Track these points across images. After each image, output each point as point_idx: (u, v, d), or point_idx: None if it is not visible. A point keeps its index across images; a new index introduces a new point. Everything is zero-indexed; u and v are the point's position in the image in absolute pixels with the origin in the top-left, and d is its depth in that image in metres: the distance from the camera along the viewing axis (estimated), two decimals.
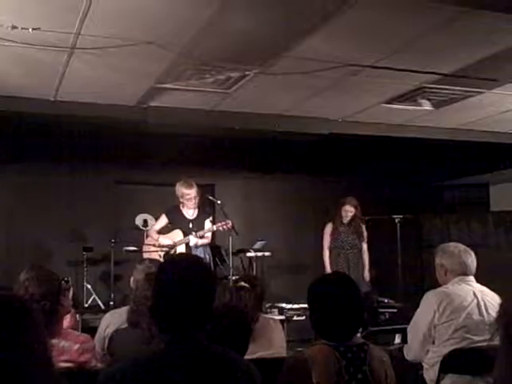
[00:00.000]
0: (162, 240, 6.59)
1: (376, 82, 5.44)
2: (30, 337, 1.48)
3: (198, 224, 6.47)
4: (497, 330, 1.21)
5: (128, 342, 3.14)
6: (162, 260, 6.44)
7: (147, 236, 6.90)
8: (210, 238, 6.56)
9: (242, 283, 3.71)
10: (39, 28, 4.02)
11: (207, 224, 6.47)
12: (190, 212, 6.59)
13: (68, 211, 8.00)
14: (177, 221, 6.60)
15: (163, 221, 6.69)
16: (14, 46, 4.35)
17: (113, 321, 3.60)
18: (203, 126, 6.54)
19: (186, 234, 6.47)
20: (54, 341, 2.73)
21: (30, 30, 4.01)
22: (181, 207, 6.60)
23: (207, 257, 6.53)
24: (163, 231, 6.74)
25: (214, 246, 7.14)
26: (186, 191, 6.46)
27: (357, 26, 4.19)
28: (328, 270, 7.07)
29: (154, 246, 6.68)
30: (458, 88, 5.68)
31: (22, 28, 4.00)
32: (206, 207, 6.48)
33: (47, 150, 7.51)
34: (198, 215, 6.57)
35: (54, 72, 5.03)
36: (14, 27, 3.98)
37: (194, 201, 6.48)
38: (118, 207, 8.27)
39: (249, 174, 8.89)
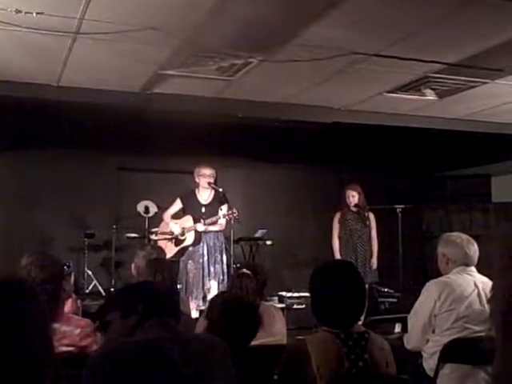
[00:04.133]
0: (172, 225, 6.60)
1: (380, 71, 5.42)
2: (35, 320, 1.48)
3: (211, 210, 6.48)
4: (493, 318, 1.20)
5: None
6: (169, 247, 6.48)
7: (161, 220, 6.92)
8: (223, 225, 6.55)
9: (244, 270, 3.72)
10: (43, 12, 4.00)
11: (224, 209, 6.47)
12: (204, 196, 6.60)
13: (70, 197, 8.01)
14: (190, 205, 6.62)
15: (177, 205, 6.71)
16: (18, 31, 4.33)
17: None
18: (206, 113, 6.53)
19: (196, 221, 6.48)
20: (56, 325, 2.74)
21: (34, 14, 3.99)
22: (196, 192, 6.63)
23: (217, 243, 6.54)
24: (177, 216, 6.76)
25: None
26: (203, 170, 6.56)
27: (361, 14, 4.17)
28: (337, 258, 7.07)
29: (157, 233, 6.70)
30: (462, 78, 5.65)
31: (25, 12, 3.98)
32: (221, 194, 6.48)
33: (50, 136, 7.51)
34: (212, 201, 6.58)
35: (57, 57, 5.02)
36: (17, 11, 3.96)
37: (208, 179, 6.50)
38: (119, 194, 8.28)
39: (251, 161, 8.89)
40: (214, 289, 6.35)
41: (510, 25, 4.31)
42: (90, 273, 7.79)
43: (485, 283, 3.55)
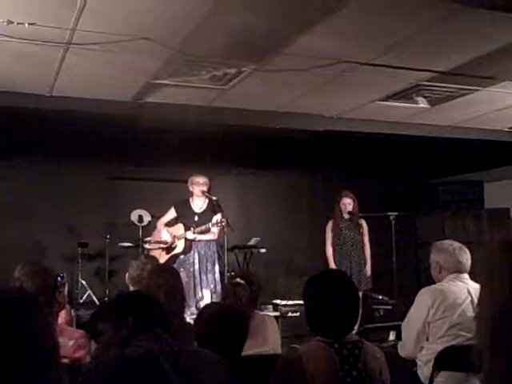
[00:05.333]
0: (163, 234, 6.61)
1: (372, 80, 5.45)
2: (40, 327, 1.49)
3: (205, 218, 6.47)
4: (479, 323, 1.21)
5: None
6: (161, 255, 6.47)
7: (154, 228, 6.92)
8: (216, 233, 6.54)
9: (238, 280, 3.71)
10: (35, 23, 4.00)
11: (215, 219, 6.46)
12: (198, 205, 6.60)
13: (63, 207, 8.00)
14: (184, 214, 6.63)
15: (171, 214, 6.72)
16: (10, 42, 4.33)
17: None
18: (199, 122, 6.53)
19: (187, 229, 6.48)
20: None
21: (26, 25, 4.00)
22: (190, 200, 6.64)
23: (208, 252, 6.53)
24: (170, 224, 6.76)
25: None
26: (196, 178, 6.58)
27: (353, 23, 4.19)
28: (332, 266, 7.08)
29: (150, 242, 6.70)
30: (454, 86, 5.68)
31: (17, 23, 3.98)
32: (215, 203, 6.48)
33: (42, 146, 7.49)
34: (205, 209, 6.58)
35: (49, 67, 5.01)
36: (9, 22, 3.96)
37: (202, 188, 6.51)
38: (113, 203, 8.27)
39: (244, 170, 8.89)
40: (206, 298, 6.33)
41: (499, 33, 4.34)
42: (83, 282, 7.76)
43: (478, 290, 3.55)
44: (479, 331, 1.21)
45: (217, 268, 6.55)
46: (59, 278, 3.21)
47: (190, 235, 6.43)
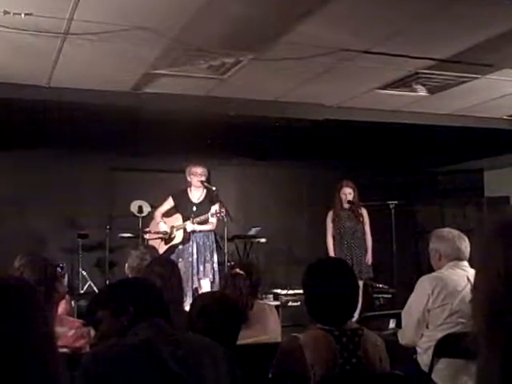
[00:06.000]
0: (161, 225, 6.60)
1: (371, 68, 5.43)
2: (35, 315, 1.49)
3: (203, 209, 6.47)
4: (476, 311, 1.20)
5: None
6: (160, 245, 6.48)
7: (152, 218, 6.91)
8: (214, 223, 6.53)
9: (238, 270, 3.72)
10: (32, 13, 3.98)
11: (213, 209, 6.45)
12: (196, 195, 6.60)
13: (63, 198, 8.00)
14: (182, 204, 6.62)
15: (169, 204, 6.71)
16: (7, 32, 4.30)
17: None
18: (198, 112, 6.52)
19: (185, 219, 6.48)
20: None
21: (23, 15, 3.97)
22: (188, 191, 6.63)
23: (207, 242, 6.54)
24: (168, 214, 6.75)
25: None
26: (194, 168, 6.57)
27: (352, 11, 4.17)
28: (332, 256, 7.08)
29: (150, 232, 6.69)
30: (453, 73, 5.66)
31: (14, 13, 3.95)
32: (214, 193, 6.46)
33: (41, 137, 7.48)
34: (203, 200, 6.57)
35: (47, 58, 4.99)
36: (6, 12, 3.94)
37: (200, 178, 6.49)
38: (112, 194, 8.28)
39: (244, 160, 8.89)
40: (205, 288, 6.34)
41: (498, 20, 4.32)
42: (84, 273, 7.78)
43: None
44: (475, 315, 1.20)
45: (215, 258, 6.55)
46: (59, 269, 3.22)
47: (189, 226, 6.43)
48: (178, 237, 6.51)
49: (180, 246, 6.51)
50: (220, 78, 5.68)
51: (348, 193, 7.18)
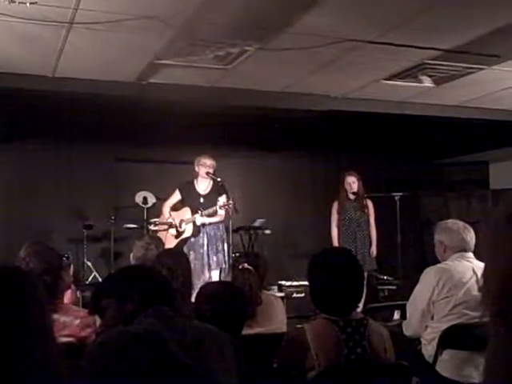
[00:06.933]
0: (170, 218, 6.59)
1: (376, 58, 5.41)
2: (32, 307, 1.49)
3: (210, 200, 6.45)
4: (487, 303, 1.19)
5: None
6: (170, 239, 6.47)
7: (160, 212, 6.90)
8: (223, 215, 6.52)
9: (246, 265, 3.71)
10: (36, 2, 3.97)
11: (221, 201, 6.44)
12: (203, 186, 6.58)
13: (68, 188, 8.00)
14: (189, 196, 6.60)
15: (176, 197, 6.69)
16: (12, 21, 4.30)
17: None
18: (203, 102, 6.51)
19: (194, 212, 6.47)
20: (55, 316, 2.74)
21: (28, 4, 3.96)
22: (194, 182, 6.62)
23: (218, 234, 6.53)
24: (176, 207, 6.75)
25: None
26: (203, 159, 6.52)
27: (358, 1, 4.16)
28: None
29: (161, 224, 6.67)
30: (459, 64, 5.64)
31: (19, 2, 3.95)
32: (220, 184, 6.45)
33: (46, 127, 7.49)
34: (210, 191, 6.57)
35: (52, 48, 4.99)
36: (11, 1, 3.93)
37: (208, 169, 6.49)
38: (117, 184, 8.27)
39: (249, 151, 8.86)
40: (215, 278, 6.34)
41: (505, 11, 4.29)
42: (89, 264, 7.79)
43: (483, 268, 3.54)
44: (485, 304, 1.19)
45: (226, 247, 6.55)
46: (64, 258, 3.22)
47: (198, 220, 6.41)
48: (188, 230, 6.50)
49: (192, 239, 6.51)
50: (225, 68, 5.67)
51: (352, 181, 7.15)
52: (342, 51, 5.15)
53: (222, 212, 6.43)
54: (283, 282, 7.56)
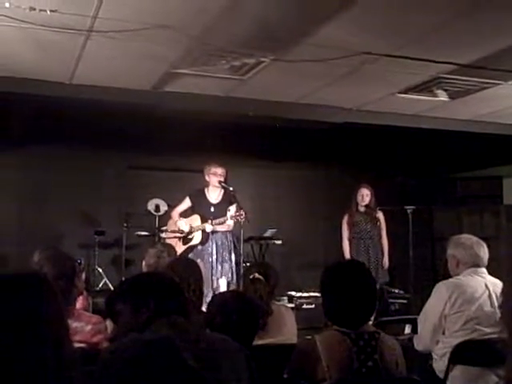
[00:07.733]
0: (180, 224, 6.58)
1: (392, 72, 5.41)
2: (50, 309, 1.50)
3: (220, 209, 6.45)
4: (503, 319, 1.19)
5: None
6: (177, 245, 6.48)
7: (169, 217, 6.91)
8: (231, 225, 6.52)
9: (257, 275, 3.70)
10: (56, 10, 4.01)
11: (232, 210, 6.44)
12: (214, 195, 6.58)
13: (81, 195, 8.04)
14: (199, 204, 6.60)
15: (186, 204, 6.69)
16: (32, 28, 4.35)
17: None
18: (217, 112, 6.53)
19: (204, 220, 6.47)
20: (68, 321, 2.75)
21: (48, 11, 4.01)
22: (205, 191, 6.62)
23: (225, 242, 6.53)
24: (185, 214, 6.75)
25: None
26: (214, 168, 6.52)
27: (375, 14, 4.16)
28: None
29: (171, 231, 6.68)
30: (475, 79, 5.62)
31: (39, 10, 3.99)
32: (231, 194, 6.45)
33: (61, 134, 7.53)
34: (221, 200, 6.56)
35: (70, 55, 5.04)
36: (31, 9, 3.98)
37: (219, 178, 6.49)
38: (130, 192, 8.30)
39: (262, 161, 8.88)
40: (223, 287, 6.34)
41: None
42: (100, 270, 7.81)
43: (496, 285, 3.53)
44: (504, 322, 1.19)
45: (233, 257, 6.54)
46: (77, 264, 3.23)
47: (208, 227, 6.42)
48: (197, 237, 6.50)
49: (199, 247, 6.51)
50: (240, 78, 5.69)
51: (365, 194, 7.14)
52: (358, 64, 5.16)
53: (230, 222, 6.42)
54: (293, 293, 7.54)
